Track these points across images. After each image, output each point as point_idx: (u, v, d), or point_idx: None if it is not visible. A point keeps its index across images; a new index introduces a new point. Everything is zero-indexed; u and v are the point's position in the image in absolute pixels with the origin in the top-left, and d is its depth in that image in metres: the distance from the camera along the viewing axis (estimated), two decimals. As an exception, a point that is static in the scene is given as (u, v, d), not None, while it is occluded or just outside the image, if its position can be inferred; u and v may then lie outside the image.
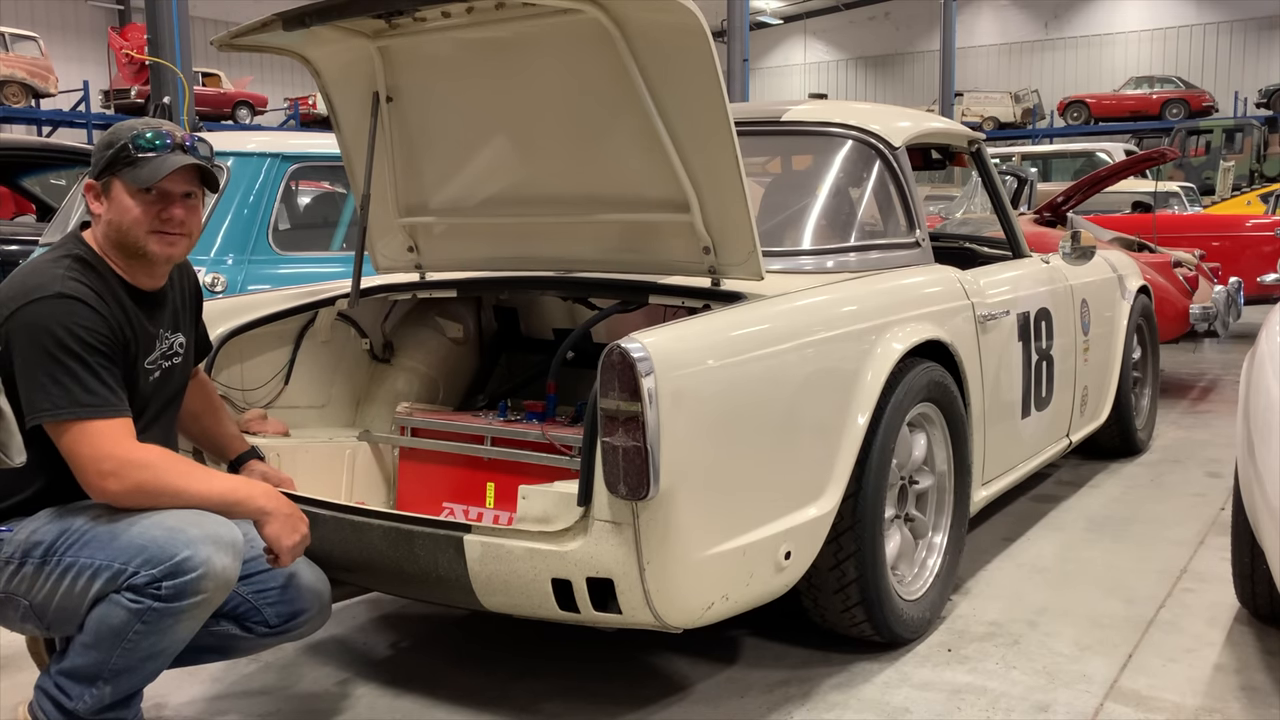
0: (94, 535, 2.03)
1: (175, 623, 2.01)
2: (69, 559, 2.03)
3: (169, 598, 1.97)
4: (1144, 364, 4.99)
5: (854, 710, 2.48)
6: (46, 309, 2.01)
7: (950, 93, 26.52)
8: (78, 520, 2.06)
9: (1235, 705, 2.49)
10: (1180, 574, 3.34)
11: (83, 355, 2.01)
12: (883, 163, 3.14)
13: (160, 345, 2.25)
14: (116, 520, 2.04)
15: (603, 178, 2.63)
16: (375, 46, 2.73)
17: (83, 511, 2.08)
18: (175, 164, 2.12)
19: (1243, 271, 7.57)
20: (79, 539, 2.03)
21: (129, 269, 2.17)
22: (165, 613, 1.99)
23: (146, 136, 2.12)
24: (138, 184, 2.11)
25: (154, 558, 1.97)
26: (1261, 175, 21.02)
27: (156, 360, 2.24)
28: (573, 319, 3.28)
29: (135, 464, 2.02)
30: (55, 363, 1.99)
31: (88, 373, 2.01)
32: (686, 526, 2.10)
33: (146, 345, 2.21)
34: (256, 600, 2.24)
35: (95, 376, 2.02)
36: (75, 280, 2.07)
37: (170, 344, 2.29)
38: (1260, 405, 2.49)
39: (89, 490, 2.04)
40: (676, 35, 2.25)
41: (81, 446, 2.00)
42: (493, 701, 2.55)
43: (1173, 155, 6.41)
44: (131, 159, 2.11)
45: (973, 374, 3.06)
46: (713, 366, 2.17)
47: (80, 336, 2.01)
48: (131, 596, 1.98)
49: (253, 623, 2.25)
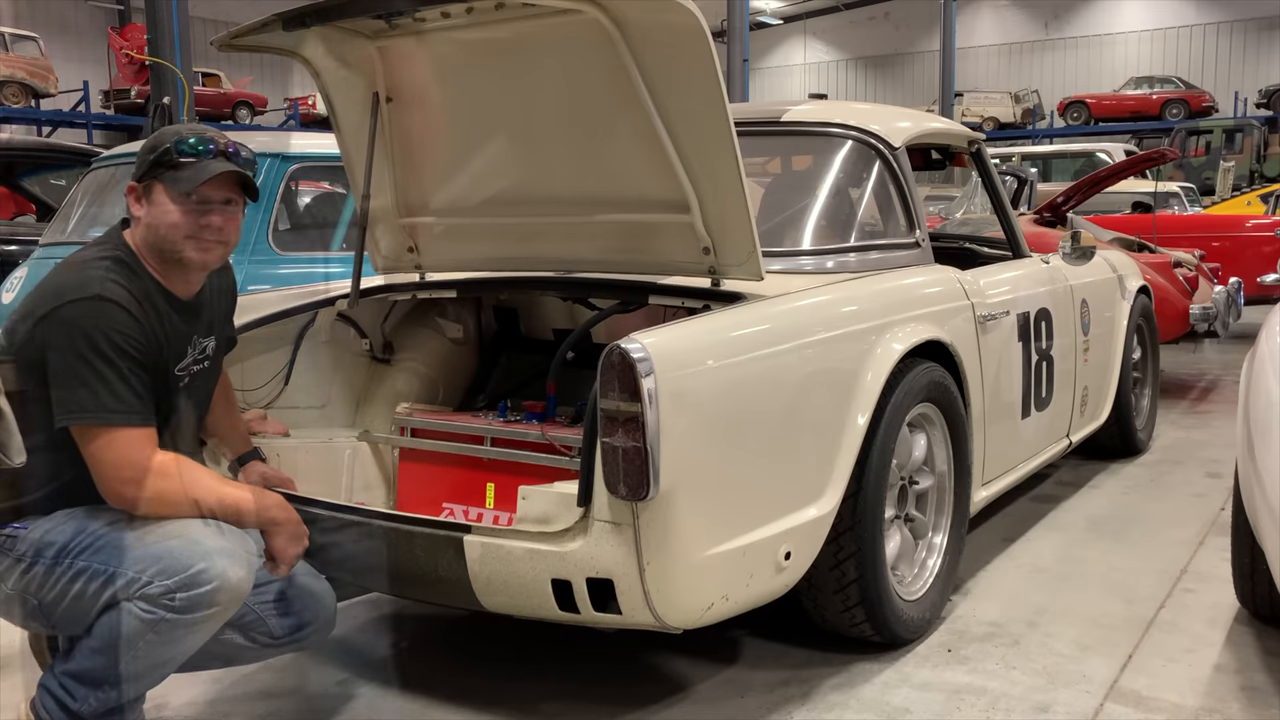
0: (109, 540, 2.03)
1: (187, 633, 2.01)
2: (82, 563, 2.02)
3: (183, 609, 1.97)
4: (1144, 364, 4.99)
5: (854, 710, 2.48)
6: (84, 310, 2.02)
7: (950, 93, 26.51)
8: (94, 524, 2.06)
9: (1235, 705, 2.49)
10: (1180, 574, 3.34)
11: (115, 360, 2.02)
12: (883, 163, 3.14)
13: (192, 351, 2.27)
14: (133, 527, 2.04)
15: (602, 178, 2.63)
16: (375, 46, 2.73)
17: (99, 515, 2.08)
18: (215, 170, 2.12)
19: (1243, 272, 7.57)
20: (94, 543, 2.03)
21: (165, 275, 2.18)
22: (178, 624, 1.98)
23: (189, 141, 2.13)
24: (178, 188, 2.12)
25: (169, 568, 1.97)
26: (1261, 175, 21.01)
27: (187, 366, 2.25)
28: (573, 319, 3.27)
29: (155, 472, 2.04)
30: (87, 366, 2.00)
31: (118, 379, 2.02)
32: (686, 527, 2.10)
33: (179, 351, 2.22)
34: (263, 611, 2.24)
35: (125, 383, 2.03)
36: (114, 283, 2.07)
37: (203, 348, 2.31)
38: (1260, 405, 2.49)
39: (107, 496, 2.05)
40: (676, 35, 2.25)
41: (105, 452, 2.01)
42: (493, 701, 2.55)
43: (1173, 155, 6.41)
44: (174, 163, 2.12)
45: (973, 374, 3.06)
46: (713, 367, 2.17)
47: (115, 341, 2.02)
48: (145, 606, 1.97)
49: (257, 633, 2.25)
